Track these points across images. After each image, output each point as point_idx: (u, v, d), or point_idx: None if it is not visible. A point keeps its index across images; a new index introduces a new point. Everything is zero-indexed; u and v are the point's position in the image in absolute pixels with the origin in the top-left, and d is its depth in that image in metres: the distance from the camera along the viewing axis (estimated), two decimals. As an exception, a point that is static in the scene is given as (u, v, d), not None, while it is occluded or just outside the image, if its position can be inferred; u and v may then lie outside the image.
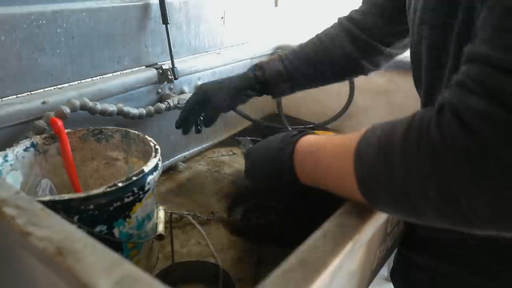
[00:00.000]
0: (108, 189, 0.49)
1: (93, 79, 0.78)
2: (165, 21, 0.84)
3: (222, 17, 1.04)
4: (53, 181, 0.65)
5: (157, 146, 0.61)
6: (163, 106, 0.84)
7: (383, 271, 0.65)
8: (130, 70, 0.84)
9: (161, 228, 0.62)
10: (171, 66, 0.86)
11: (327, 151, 0.43)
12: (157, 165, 0.57)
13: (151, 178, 0.55)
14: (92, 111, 0.71)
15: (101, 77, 0.80)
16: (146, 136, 0.65)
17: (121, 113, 0.77)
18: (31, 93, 0.69)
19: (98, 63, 0.78)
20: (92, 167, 0.71)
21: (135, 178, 0.52)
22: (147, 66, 0.87)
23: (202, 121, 0.77)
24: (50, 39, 0.69)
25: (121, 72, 0.83)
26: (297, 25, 1.41)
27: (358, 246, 0.37)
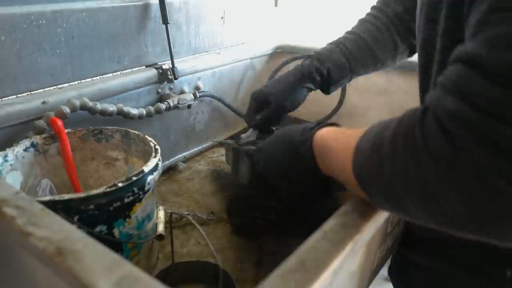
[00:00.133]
0: (108, 189, 0.49)
1: (93, 79, 0.78)
2: (165, 21, 0.84)
3: (222, 17, 1.04)
4: (53, 181, 0.65)
5: (157, 146, 0.61)
6: (163, 106, 0.84)
7: (383, 271, 0.64)
8: (130, 70, 0.84)
9: (161, 228, 0.63)
10: (171, 66, 0.86)
11: (337, 144, 0.44)
12: (157, 165, 0.57)
13: (151, 178, 0.55)
14: (92, 111, 0.71)
15: (101, 77, 0.79)
16: (146, 136, 0.65)
17: (121, 113, 0.77)
18: (31, 93, 0.69)
19: (98, 63, 0.78)
20: (92, 167, 0.71)
21: (135, 178, 0.52)
22: (147, 66, 0.87)
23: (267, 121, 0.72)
24: (50, 39, 0.69)
25: (121, 72, 0.83)
26: (297, 25, 1.41)
27: (358, 246, 0.37)
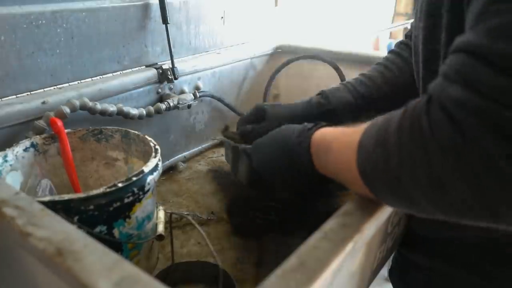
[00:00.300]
0: (108, 190, 0.49)
1: (93, 79, 0.78)
2: (165, 21, 0.84)
3: (222, 17, 1.04)
4: (53, 181, 0.65)
5: (157, 146, 0.61)
6: (163, 106, 0.84)
7: (384, 271, 0.64)
8: (130, 70, 0.84)
9: (161, 228, 0.62)
10: (171, 66, 0.86)
11: (337, 143, 0.44)
12: (157, 165, 0.57)
13: (151, 178, 0.54)
14: (92, 111, 0.71)
15: (101, 77, 0.79)
16: (146, 136, 0.65)
17: (121, 113, 0.76)
18: (31, 93, 0.69)
19: (98, 63, 0.78)
20: (92, 167, 0.71)
21: (135, 178, 0.52)
22: (147, 66, 0.87)
23: None
24: (50, 39, 0.69)
25: (121, 72, 0.83)
26: (297, 25, 1.41)
27: (358, 246, 0.37)
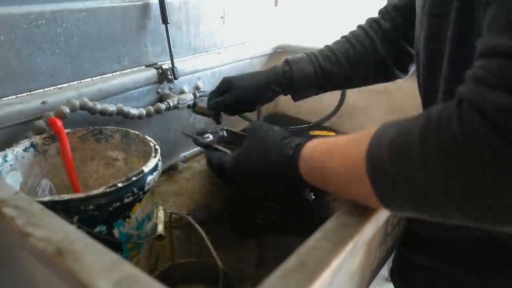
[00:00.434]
0: (107, 190, 0.49)
1: (92, 79, 0.78)
2: (165, 21, 0.84)
3: (222, 17, 1.04)
4: (53, 181, 0.65)
5: (157, 146, 0.61)
6: (163, 106, 0.84)
7: (383, 271, 0.64)
8: (129, 70, 0.84)
9: (160, 228, 0.62)
10: (171, 66, 0.86)
11: (334, 159, 0.40)
12: (156, 165, 0.57)
13: (151, 178, 0.54)
14: (92, 111, 0.71)
15: (100, 77, 0.79)
16: (146, 136, 0.65)
17: (121, 113, 0.76)
18: (31, 93, 0.69)
19: (97, 63, 0.78)
20: (91, 167, 0.71)
21: (134, 178, 0.52)
22: (147, 66, 0.87)
23: (224, 110, 0.73)
24: (49, 39, 0.69)
25: (121, 72, 0.83)
26: (297, 25, 1.41)
27: (358, 246, 0.37)
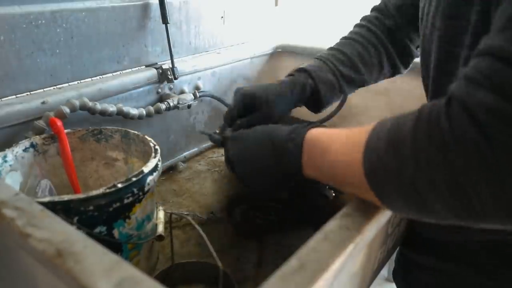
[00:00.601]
0: (107, 190, 0.49)
1: (92, 79, 0.78)
2: (165, 21, 0.84)
3: (222, 17, 1.04)
4: (53, 181, 0.65)
5: (157, 146, 0.61)
6: (163, 106, 0.84)
7: (384, 271, 0.64)
8: (130, 70, 0.84)
9: (161, 228, 0.62)
10: (171, 66, 0.86)
11: (336, 144, 0.42)
12: (156, 165, 0.57)
13: (151, 178, 0.54)
14: (91, 111, 0.71)
15: (100, 77, 0.79)
16: (146, 136, 0.65)
17: (121, 113, 0.76)
18: (31, 93, 0.69)
19: (97, 63, 0.78)
20: (91, 167, 0.71)
21: (134, 179, 0.52)
22: (147, 66, 0.87)
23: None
24: (49, 39, 0.69)
25: (121, 72, 0.83)
26: (297, 24, 1.40)
27: (359, 248, 0.37)
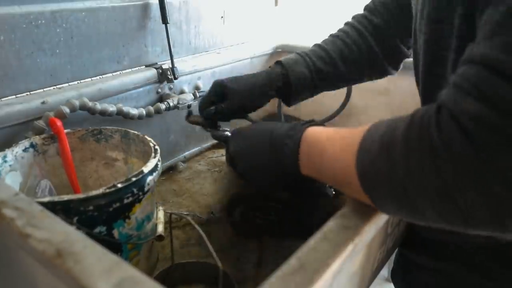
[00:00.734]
0: (107, 190, 0.49)
1: (92, 79, 0.78)
2: (164, 21, 0.84)
3: (222, 17, 1.04)
4: (53, 181, 0.65)
5: (157, 146, 0.61)
6: (163, 106, 0.84)
7: (383, 272, 0.64)
8: (129, 70, 0.84)
9: (160, 228, 0.62)
10: (171, 66, 0.86)
11: (334, 143, 0.42)
12: (156, 165, 0.57)
13: (151, 178, 0.54)
14: (91, 111, 0.71)
15: (100, 77, 0.79)
16: (145, 136, 0.65)
17: (120, 113, 0.76)
18: (31, 93, 0.69)
19: (97, 63, 0.78)
20: (91, 167, 0.71)
21: (134, 179, 0.52)
22: (147, 66, 0.87)
23: (218, 114, 0.64)
24: (49, 39, 0.69)
25: (121, 72, 0.83)
26: (297, 24, 1.40)
27: (358, 248, 0.37)
